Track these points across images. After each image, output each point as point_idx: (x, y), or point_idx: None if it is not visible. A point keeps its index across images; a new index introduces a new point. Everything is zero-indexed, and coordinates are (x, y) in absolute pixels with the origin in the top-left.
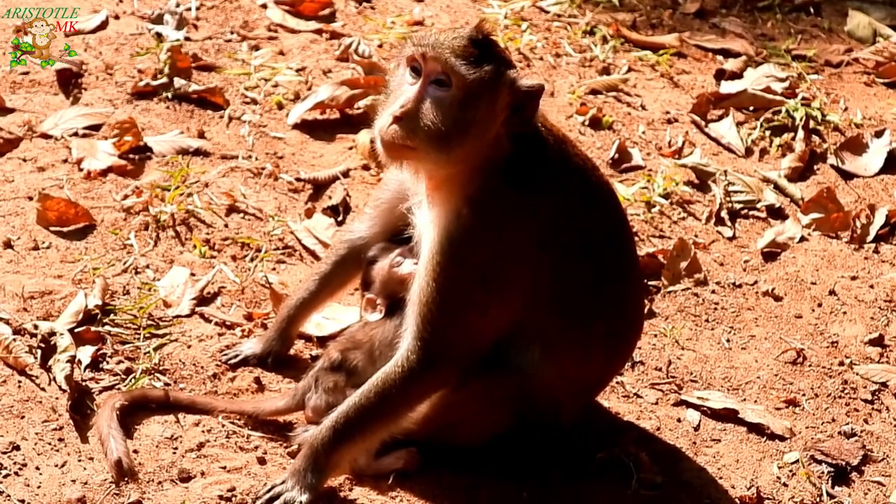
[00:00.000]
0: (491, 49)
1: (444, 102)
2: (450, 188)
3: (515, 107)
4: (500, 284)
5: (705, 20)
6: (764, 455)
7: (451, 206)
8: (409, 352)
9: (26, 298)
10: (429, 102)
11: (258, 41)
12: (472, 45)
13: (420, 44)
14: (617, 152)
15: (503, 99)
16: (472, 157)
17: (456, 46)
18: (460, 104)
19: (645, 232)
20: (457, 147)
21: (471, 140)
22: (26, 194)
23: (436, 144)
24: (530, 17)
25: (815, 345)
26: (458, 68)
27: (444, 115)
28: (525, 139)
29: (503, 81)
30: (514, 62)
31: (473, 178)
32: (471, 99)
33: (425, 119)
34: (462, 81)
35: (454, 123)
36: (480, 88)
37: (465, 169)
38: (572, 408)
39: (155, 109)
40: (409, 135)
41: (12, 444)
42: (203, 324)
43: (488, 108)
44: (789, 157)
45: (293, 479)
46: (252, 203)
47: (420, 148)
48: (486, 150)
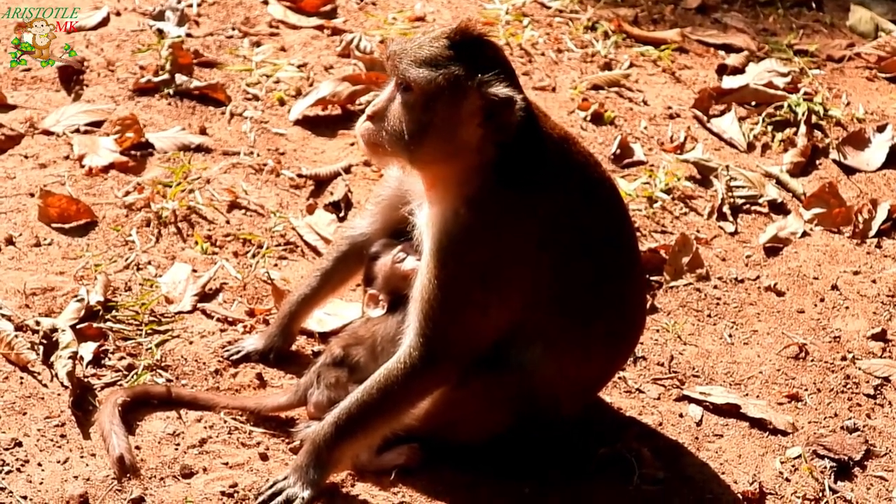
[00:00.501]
0: (466, 52)
1: (406, 105)
2: (446, 188)
3: (488, 113)
4: (500, 283)
5: (707, 15)
6: (766, 450)
7: (449, 205)
8: (411, 348)
9: (28, 295)
10: (395, 104)
11: (259, 37)
12: (444, 47)
13: (388, 50)
14: (619, 148)
15: (471, 103)
16: (451, 158)
17: (418, 52)
18: (421, 107)
19: (647, 227)
20: (417, 148)
21: (434, 142)
22: (28, 191)
23: (398, 144)
24: (532, 12)
25: (817, 340)
26: (412, 74)
27: (403, 117)
28: (523, 138)
29: (468, 86)
30: (500, 64)
31: (468, 179)
32: (430, 102)
33: (390, 119)
34: (418, 86)
35: (414, 125)
36: (438, 92)
37: (454, 170)
38: (573, 405)
39: (156, 106)
40: (378, 133)
41: (14, 441)
42: (205, 320)
43: (449, 110)
44: (791, 152)
45: (295, 474)
46: (254, 199)
47: (388, 146)
48: (469, 153)
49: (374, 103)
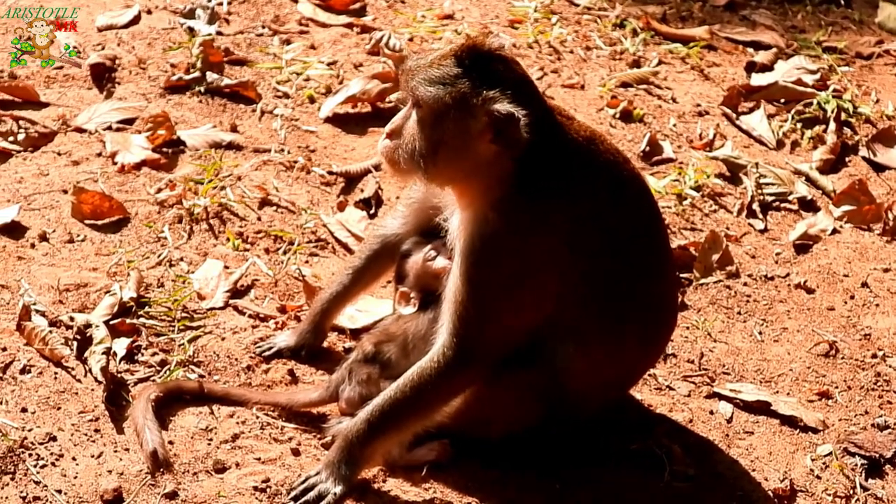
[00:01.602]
0: (475, 69)
1: (418, 123)
2: (472, 196)
3: (497, 130)
4: (531, 285)
5: (735, 12)
6: (797, 447)
7: (478, 211)
8: (444, 347)
9: (62, 291)
10: (410, 121)
11: (289, 35)
12: (452, 65)
13: (402, 69)
14: (648, 145)
15: (479, 120)
16: (469, 174)
17: (428, 70)
18: (430, 125)
19: (676, 224)
20: (432, 165)
21: (446, 158)
22: (61, 188)
23: (413, 161)
24: (560, 10)
25: (847, 337)
26: (421, 93)
27: (416, 135)
28: (544, 146)
29: (474, 104)
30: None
31: (493, 188)
32: (438, 119)
33: (405, 137)
34: (427, 104)
35: (426, 142)
36: (446, 110)
37: (475, 182)
38: (604, 401)
39: (188, 103)
40: (396, 151)
41: (49, 435)
42: (237, 316)
43: (458, 128)
44: (821, 150)
45: (327, 470)
46: (285, 196)
47: (404, 164)
48: (487, 168)
49: (393, 121)
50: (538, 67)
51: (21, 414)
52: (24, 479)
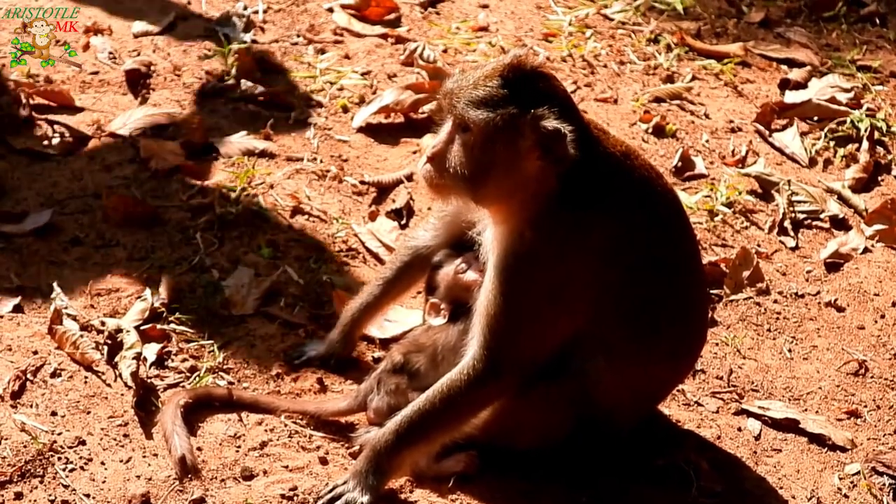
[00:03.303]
0: (519, 87)
1: (466, 145)
2: (508, 212)
3: (545, 147)
4: (563, 301)
5: (770, 29)
6: (825, 466)
7: (514, 226)
8: (475, 360)
9: (93, 295)
10: (455, 145)
11: (324, 45)
12: (498, 86)
13: (443, 91)
14: (680, 160)
15: (528, 138)
16: (514, 192)
17: (473, 92)
18: (479, 147)
19: (707, 241)
20: (482, 186)
21: (496, 179)
22: (94, 192)
23: (462, 184)
24: (594, 24)
25: (877, 356)
26: (471, 115)
27: (464, 158)
28: (582, 162)
29: (523, 122)
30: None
31: (530, 205)
32: (489, 142)
33: (451, 161)
34: (477, 127)
35: (475, 165)
36: (496, 132)
37: (517, 200)
38: (632, 416)
39: (221, 111)
40: (440, 174)
41: (78, 439)
42: (267, 324)
43: (508, 149)
44: (853, 168)
45: (354, 479)
46: (316, 205)
47: (450, 186)
48: (532, 185)
49: (433, 144)
50: (572, 81)
51: (51, 417)
52: (52, 483)
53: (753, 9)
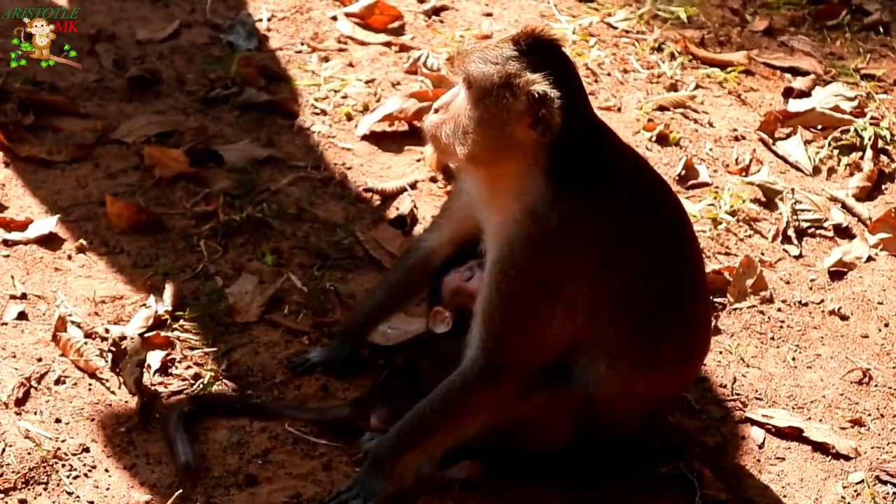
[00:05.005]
0: (528, 54)
1: (465, 100)
2: (505, 195)
3: (536, 113)
4: (561, 295)
5: (774, 38)
6: (829, 474)
7: (510, 214)
8: (472, 361)
9: (98, 303)
10: (458, 98)
11: (328, 53)
12: (508, 49)
13: (459, 51)
14: (684, 169)
15: (520, 101)
16: (504, 158)
17: (484, 52)
18: (474, 102)
19: (711, 249)
20: (471, 142)
21: (485, 137)
22: (98, 200)
23: (454, 137)
24: (598, 32)
25: (881, 365)
26: (471, 69)
27: (461, 111)
28: (583, 145)
29: (518, 83)
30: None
31: (526, 185)
32: (484, 98)
33: (451, 112)
34: (476, 81)
35: (469, 119)
36: (493, 88)
37: (509, 173)
38: (636, 423)
39: (225, 118)
40: (441, 126)
41: (82, 447)
42: (271, 331)
43: (501, 109)
44: (857, 177)
45: (358, 486)
46: (320, 212)
47: (444, 139)
48: (522, 155)
49: (443, 97)
50: None
51: (55, 424)
52: (56, 490)
53: (757, 17)
